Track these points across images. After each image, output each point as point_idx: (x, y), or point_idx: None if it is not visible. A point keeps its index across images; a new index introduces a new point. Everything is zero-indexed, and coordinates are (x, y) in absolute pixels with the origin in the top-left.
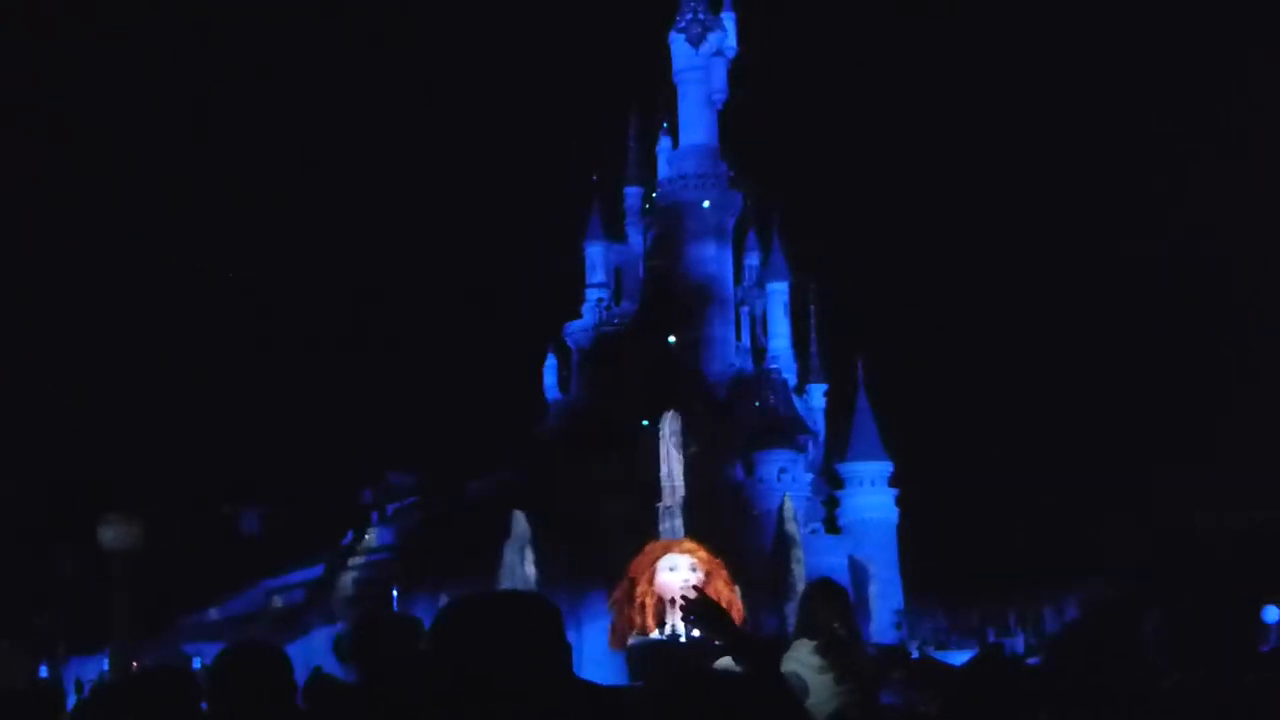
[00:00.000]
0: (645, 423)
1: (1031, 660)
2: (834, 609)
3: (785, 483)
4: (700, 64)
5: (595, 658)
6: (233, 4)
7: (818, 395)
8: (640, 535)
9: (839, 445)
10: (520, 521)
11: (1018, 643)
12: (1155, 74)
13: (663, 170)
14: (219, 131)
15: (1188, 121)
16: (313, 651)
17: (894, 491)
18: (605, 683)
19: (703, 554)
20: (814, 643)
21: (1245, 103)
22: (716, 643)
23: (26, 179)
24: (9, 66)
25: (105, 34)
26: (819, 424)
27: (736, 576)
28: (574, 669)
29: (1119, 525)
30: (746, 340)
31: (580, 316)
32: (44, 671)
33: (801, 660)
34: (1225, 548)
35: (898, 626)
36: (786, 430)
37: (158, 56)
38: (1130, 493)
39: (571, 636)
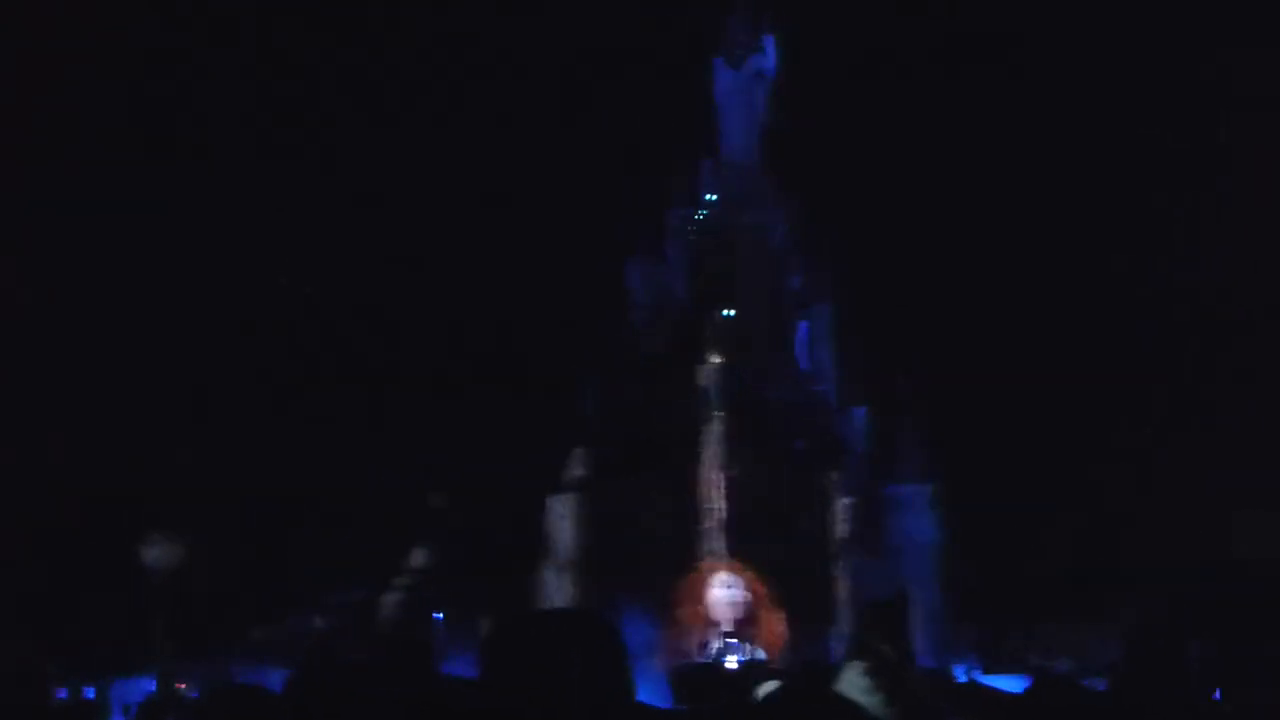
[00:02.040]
0: (688, 444)
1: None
2: (884, 631)
3: (829, 505)
4: (741, 86)
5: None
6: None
7: (860, 417)
8: (683, 557)
9: (882, 467)
10: (562, 542)
11: (1061, 667)
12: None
13: (704, 191)
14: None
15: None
16: None
17: (936, 514)
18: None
19: (749, 576)
20: (864, 664)
21: None
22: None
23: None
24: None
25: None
26: (861, 446)
27: (779, 599)
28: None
29: (1161, 548)
30: (789, 361)
31: (622, 336)
32: (90, 693)
33: (851, 682)
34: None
35: (940, 650)
36: (830, 452)
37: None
38: (1175, 512)
39: None
